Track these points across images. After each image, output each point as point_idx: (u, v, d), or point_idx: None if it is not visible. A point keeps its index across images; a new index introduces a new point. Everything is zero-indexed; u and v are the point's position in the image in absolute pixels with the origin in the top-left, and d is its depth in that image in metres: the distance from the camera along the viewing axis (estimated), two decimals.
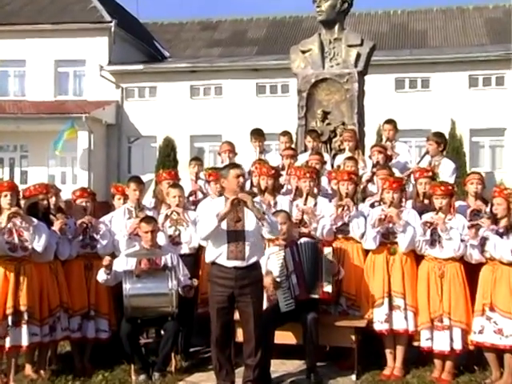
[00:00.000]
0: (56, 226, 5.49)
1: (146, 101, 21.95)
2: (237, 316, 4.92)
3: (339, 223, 5.69)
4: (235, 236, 4.71)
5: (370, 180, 6.54)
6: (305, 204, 5.92)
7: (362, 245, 5.64)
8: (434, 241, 5.35)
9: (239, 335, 4.97)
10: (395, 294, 5.41)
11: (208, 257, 4.86)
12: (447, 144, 6.92)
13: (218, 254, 4.76)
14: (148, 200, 6.64)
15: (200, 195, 6.88)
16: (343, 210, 5.64)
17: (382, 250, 5.52)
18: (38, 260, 5.30)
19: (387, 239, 5.52)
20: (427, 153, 6.72)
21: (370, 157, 6.88)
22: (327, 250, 5.36)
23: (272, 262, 5.36)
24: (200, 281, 5.79)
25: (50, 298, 5.37)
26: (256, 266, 4.82)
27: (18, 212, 5.14)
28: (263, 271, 5.30)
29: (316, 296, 5.23)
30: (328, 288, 5.25)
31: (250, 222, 4.72)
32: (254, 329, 4.76)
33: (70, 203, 6.05)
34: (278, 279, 5.31)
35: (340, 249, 5.68)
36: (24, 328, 5.14)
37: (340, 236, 5.74)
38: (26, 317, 5.15)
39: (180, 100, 21.33)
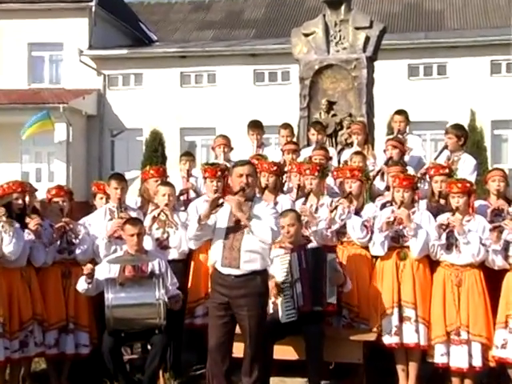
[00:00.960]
0: (31, 227, 5.46)
1: (130, 89, 21.95)
2: (238, 329, 4.92)
3: (334, 226, 5.69)
4: (232, 239, 4.72)
5: (375, 177, 6.55)
6: (304, 203, 5.93)
7: (370, 250, 5.65)
8: (451, 245, 5.36)
9: (236, 350, 4.96)
10: (405, 304, 5.42)
11: (209, 260, 4.95)
12: (468, 138, 6.93)
13: (215, 258, 4.81)
14: (133, 200, 6.64)
15: (192, 194, 6.88)
16: (333, 210, 5.64)
17: (390, 255, 5.53)
18: (8, 265, 5.29)
19: (397, 243, 5.53)
20: (446, 147, 6.72)
21: (384, 151, 6.88)
22: (330, 257, 5.35)
23: (276, 266, 5.35)
24: (190, 289, 5.80)
25: (21, 310, 5.34)
26: (256, 275, 4.78)
27: None
28: None
29: (319, 308, 5.22)
30: (332, 299, 5.25)
31: (254, 223, 4.68)
32: (249, 345, 4.77)
33: (44, 203, 6.04)
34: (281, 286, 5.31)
35: (342, 254, 5.69)
36: None
37: (343, 239, 5.75)
38: None
39: (169, 89, 21.33)
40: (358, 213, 5.75)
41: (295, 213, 5.58)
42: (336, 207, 5.68)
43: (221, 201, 4.75)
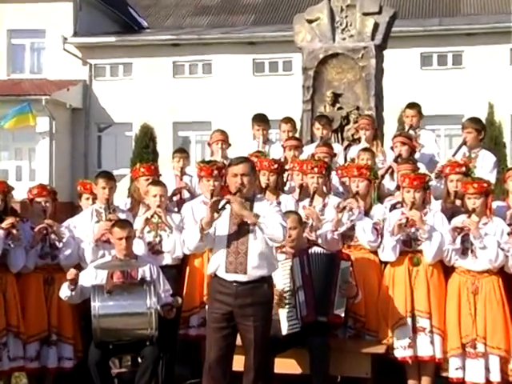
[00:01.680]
0: (3, 226, 5.43)
1: (119, 80, 21.95)
2: (239, 341, 4.92)
3: (342, 229, 5.70)
4: (236, 243, 4.71)
5: (384, 176, 6.56)
6: (310, 205, 5.94)
7: (379, 255, 5.67)
8: (466, 249, 5.38)
9: (236, 363, 4.97)
10: (419, 313, 5.44)
11: (209, 267, 4.89)
12: (486, 133, 6.95)
13: (217, 264, 4.77)
14: (122, 200, 6.65)
15: (186, 194, 6.89)
16: (342, 211, 5.65)
17: (402, 261, 5.55)
18: None
19: (409, 247, 5.55)
20: (464, 143, 6.72)
21: (391, 148, 6.90)
22: (345, 264, 5.33)
23: (277, 272, 5.35)
24: (184, 296, 5.81)
25: None
26: (264, 282, 4.78)
27: None
28: None
29: (323, 319, 5.23)
30: (340, 311, 5.25)
31: (262, 220, 4.66)
32: (253, 359, 4.76)
33: (25, 204, 6.05)
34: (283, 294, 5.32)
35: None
36: None
37: (350, 243, 5.77)
38: None
39: (160, 79, 21.34)
40: (365, 214, 5.77)
41: (297, 215, 5.58)
42: (344, 208, 5.68)
43: (223, 202, 4.66)
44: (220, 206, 4.65)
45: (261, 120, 7.72)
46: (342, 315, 5.26)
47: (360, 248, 5.75)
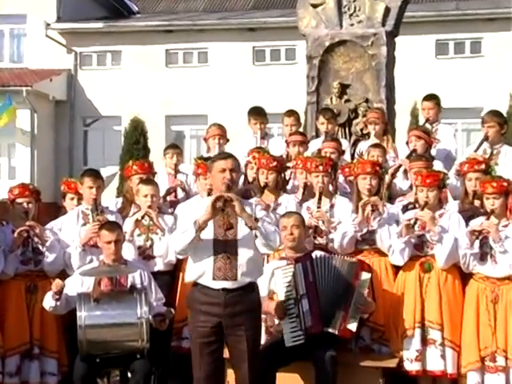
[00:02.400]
0: None
1: (106, 70, 21.95)
2: (226, 354, 4.93)
3: (365, 229, 5.72)
4: (224, 248, 4.71)
5: (395, 174, 6.57)
6: (319, 206, 5.95)
7: (389, 258, 5.69)
8: (485, 254, 5.38)
9: (230, 379, 4.99)
10: (430, 324, 5.45)
11: (188, 275, 4.86)
12: (508, 127, 6.95)
13: (201, 271, 4.75)
14: (114, 201, 6.67)
15: (181, 194, 6.91)
16: (373, 211, 5.65)
17: (413, 266, 5.57)
18: None
19: (421, 251, 5.56)
20: (486, 139, 6.74)
21: (407, 143, 6.91)
22: (365, 276, 5.32)
23: (277, 280, 5.37)
24: (177, 306, 5.82)
25: None
26: (252, 287, 4.83)
27: None
28: (264, 292, 5.32)
29: (333, 331, 5.22)
30: (352, 326, 5.24)
31: (244, 230, 4.70)
32: (248, 371, 4.76)
33: (5, 205, 6.06)
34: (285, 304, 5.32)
35: None
36: None
37: (365, 247, 5.77)
38: None
39: (152, 69, 21.33)
40: None
41: (300, 215, 5.62)
42: (373, 206, 5.66)
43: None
44: (222, 204, 4.61)
45: (257, 113, 7.73)
46: (354, 330, 5.26)
47: (375, 252, 5.76)
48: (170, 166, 7.13)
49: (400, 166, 6.61)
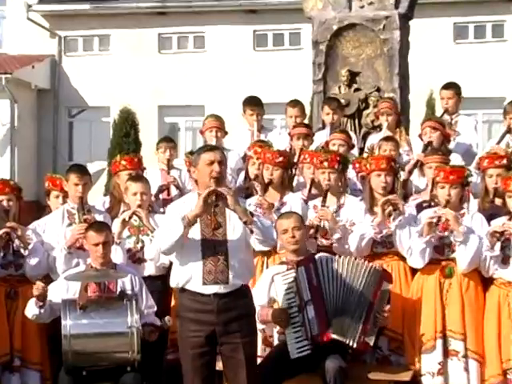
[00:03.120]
0: None
1: (94, 56, 21.93)
2: (220, 365, 4.94)
3: (384, 231, 5.73)
4: (214, 249, 4.72)
5: (412, 171, 6.57)
6: (323, 205, 5.96)
7: (407, 260, 5.70)
8: (507, 258, 5.39)
9: None
10: (452, 334, 5.46)
11: (174, 280, 4.86)
12: None
13: (188, 276, 4.76)
14: (101, 199, 6.67)
15: (174, 191, 6.92)
16: (395, 210, 5.67)
17: (433, 271, 5.57)
18: None
19: (441, 254, 5.57)
20: (509, 131, 6.74)
21: (420, 136, 6.92)
22: (386, 286, 5.33)
23: (277, 286, 5.38)
24: (172, 314, 5.83)
25: None
26: (245, 291, 4.85)
27: None
28: (264, 300, 5.33)
29: (351, 343, 5.21)
30: (370, 339, 5.26)
31: (234, 228, 4.73)
32: (247, 382, 4.77)
33: None
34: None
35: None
36: None
37: (380, 250, 5.79)
38: None
39: (144, 55, 21.32)
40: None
41: (299, 215, 5.63)
42: (393, 204, 5.67)
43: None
44: (214, 199, 4.62)
45: (255, 103, 7.75)
46: (371, 344, 5.28)
47: (392, 256, 5.78)
48: (163, 161, 7.14)
49: (418, 161, 6.60)
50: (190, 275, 4.74)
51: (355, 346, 5.20)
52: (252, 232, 4.65)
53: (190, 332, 4.77)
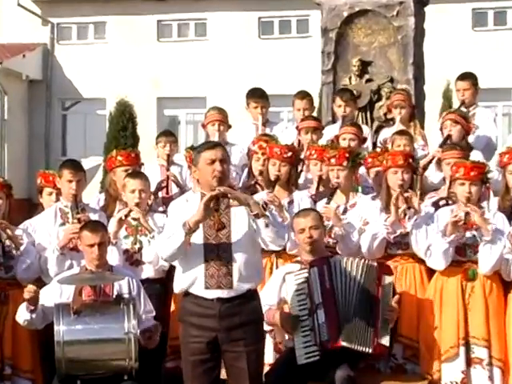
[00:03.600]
0: None
1: (89, 44, 21.95)
2: (223, 374, 4.93)
3: (398, 231, 5.72)
4: (217, 252, 4.72)
5: (427, 166, 6.56)
6: (328, 202, 5.98)
7: (426, 262, 5.69)
8: None
9: None
10: (475, 340, 5.46)
11: (178, 284, 4.87)
12: None
13: (191, 279, 4.76)
14: (95, 197, 6.67)
15: (174, 189, 6.92)
16: (408, 208, 5.67)
17: (454, 273, 5.56)
18: None
19: (463, 255, 5.56)
20: None
21: (441, 129, 6.91)
22: (388, 280, 5.35)
23: (288, 287, 5.38)
24: (171, 321, 5.83)
25: None
26: (252, 296, 4.84)
27: None
28: (274, 301, 5.33)
29: (367, 350, 5.22)
30: (385, 340, 5.26)
31: (239, 229, 4.72)
32: None
33: None
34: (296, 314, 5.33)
35: (395, 272, 5.70)
36: None
37: (395, 252, 5.79)
38: None
39: (142, 43, 21.33)
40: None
41: (317, 213, 5.63)
42: (406, 200, 5.67)
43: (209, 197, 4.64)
44: (213, 203, 4.60)
45: (259, 96, 7.74)
46: (387, 344, 5.28)
47: (408, 258, 5.78)
48: (163, 156, 7.15)
49: (434, 157, 6.59)
50: (192, 279, 4.75)
51: (371, 351, 5.21)
52: (267, 226, 4.60)
53: (192, 337, 4.78)
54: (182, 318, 4.88)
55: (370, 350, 5.22)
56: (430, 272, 5.74)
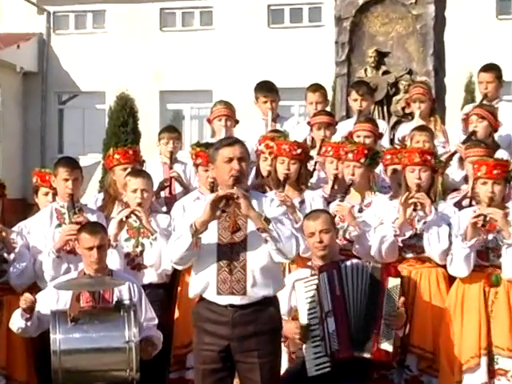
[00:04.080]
0: None
1: (87, 35, 21.98)
2: None
3: (408, 233, 5.72)
4: (230, 255, 4.72)
5: (447, 163, 6.55)
6: (341, 200, 5.97)
7: (447, 269, 5.67)
8: None
9: None
10: (499, 350, 5.45)
11: (192, 289, 4.89)
12: None
13: (204, 283, 4.78)
14: (93, 196, 6.67)
15: (178, 188, 6.92)
16: (415, 210, 5.66)
17: (476, 279, 5.55)
18: None
19: (485, 260, 5.55)
20: None
21: (466, 125, 6.89)
22: (393, 282, 5.34)
23: (298, 294, 5.39)
24: (175, 328, 5.84)
25: None
26: (269, 304, 4.83)
27: None
28: (284, 309, 5.33)
29: (366, 355, 5.23)
30: (386, 345, 5.24)
31: (255, 232, 4.69)
32: None
33: None
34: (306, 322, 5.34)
35: (409, 277, 5.71)
36: None
37: (409, 255, 5.78)
38: None
39: (144, 33, 21.36)
40: None
41: (328, 214, 5.62)
42: (414, 204, 5.66)
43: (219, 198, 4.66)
44: (222, 204, 4.63)
45: (268, 89, 7.73)
46: (390, 350, 5.26)
47: (424, 261, 5.77)
48: (165, 153, 7.15)
49: (455, 152, 6.58)
50: (205, 284, 4.76)
51: (370, 356, 5.20)
52: (266, 242, 4.62)
53: (204, 345, 4.79)
54: (196, 323, 4.89)
55: (369, 356, 5.22)
56: (449, 277, 5.73)
